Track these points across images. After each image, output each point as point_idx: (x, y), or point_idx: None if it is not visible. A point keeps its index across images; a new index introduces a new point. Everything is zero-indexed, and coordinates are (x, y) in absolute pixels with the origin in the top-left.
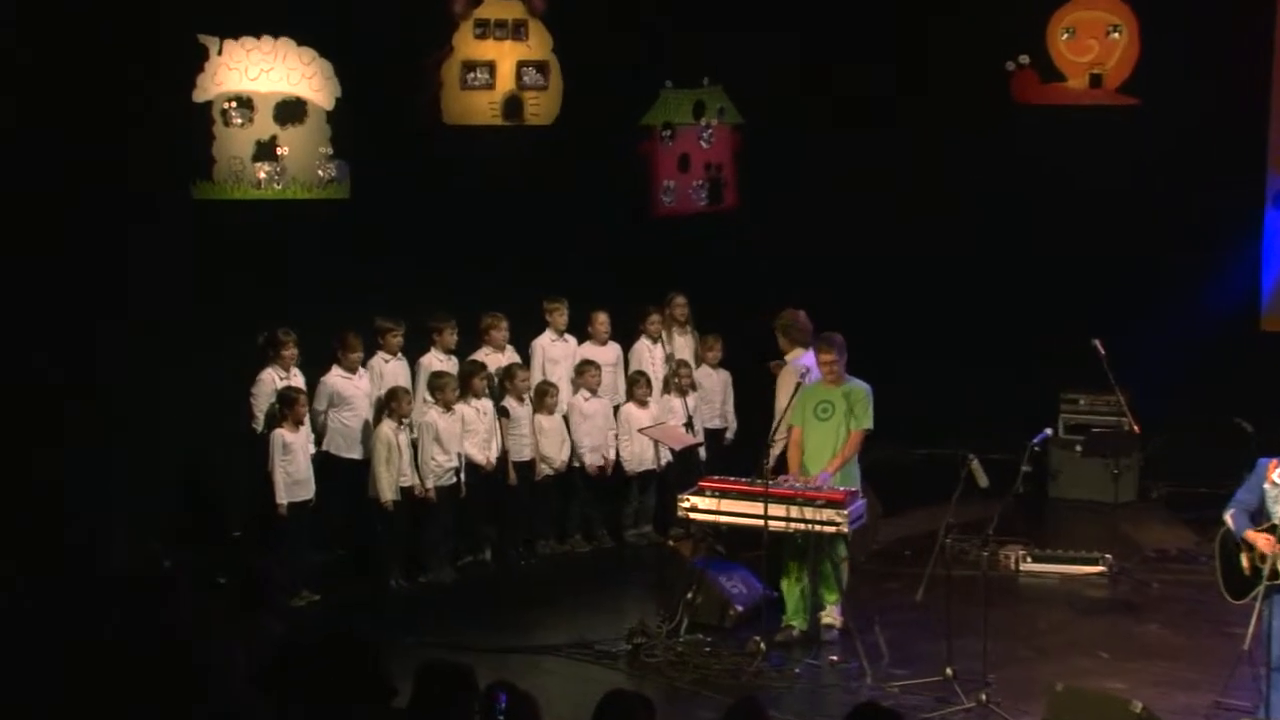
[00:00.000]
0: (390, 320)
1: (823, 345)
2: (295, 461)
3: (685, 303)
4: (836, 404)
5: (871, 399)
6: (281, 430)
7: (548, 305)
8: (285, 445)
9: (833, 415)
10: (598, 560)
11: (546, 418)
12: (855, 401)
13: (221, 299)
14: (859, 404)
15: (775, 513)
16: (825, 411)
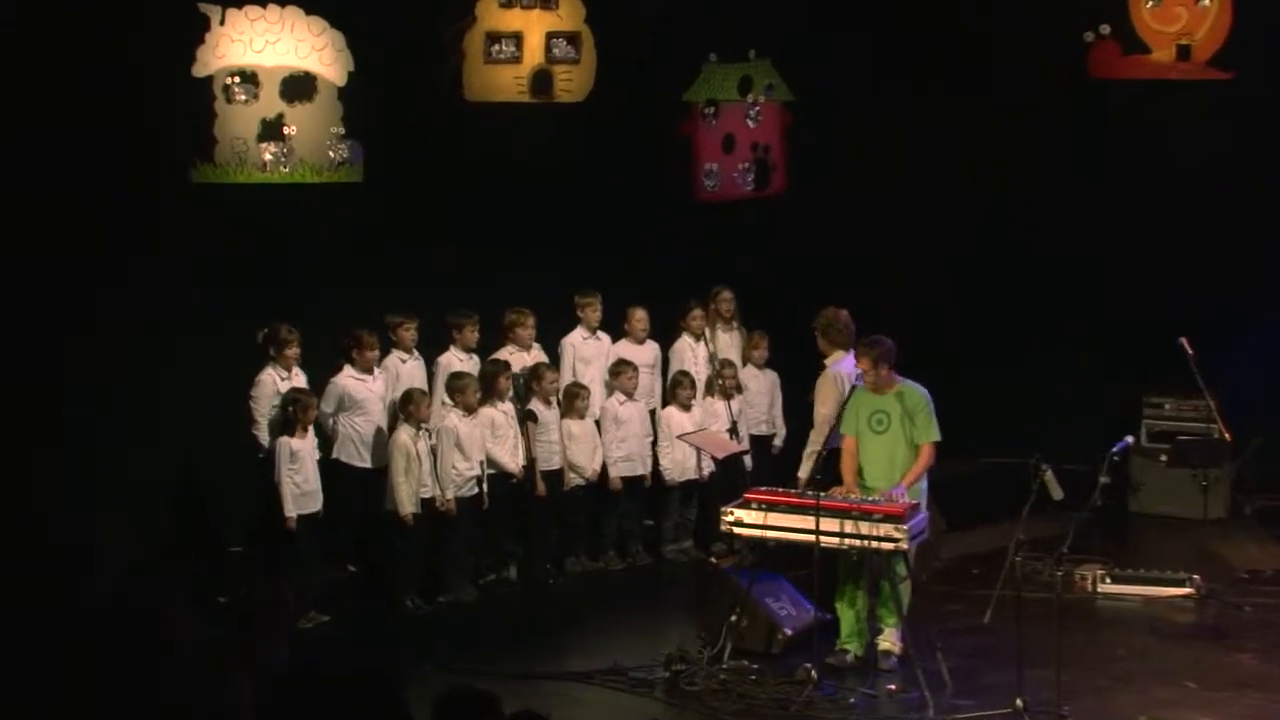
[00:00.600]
0: (400, 313)
1: (862, 351)
2: (303, 470)
3: (730, 297)
4: (891, 413)
5: (931, 404)
6: (288, 437)
7: (579, 300)
8: (293, 453)
9: (889, 426)
10: (633, 579)
11: (577, 423)
12: (915, 410)
13: (221, 292)
14: (919, 412)
15: (828, 527)
16: (880, 423)
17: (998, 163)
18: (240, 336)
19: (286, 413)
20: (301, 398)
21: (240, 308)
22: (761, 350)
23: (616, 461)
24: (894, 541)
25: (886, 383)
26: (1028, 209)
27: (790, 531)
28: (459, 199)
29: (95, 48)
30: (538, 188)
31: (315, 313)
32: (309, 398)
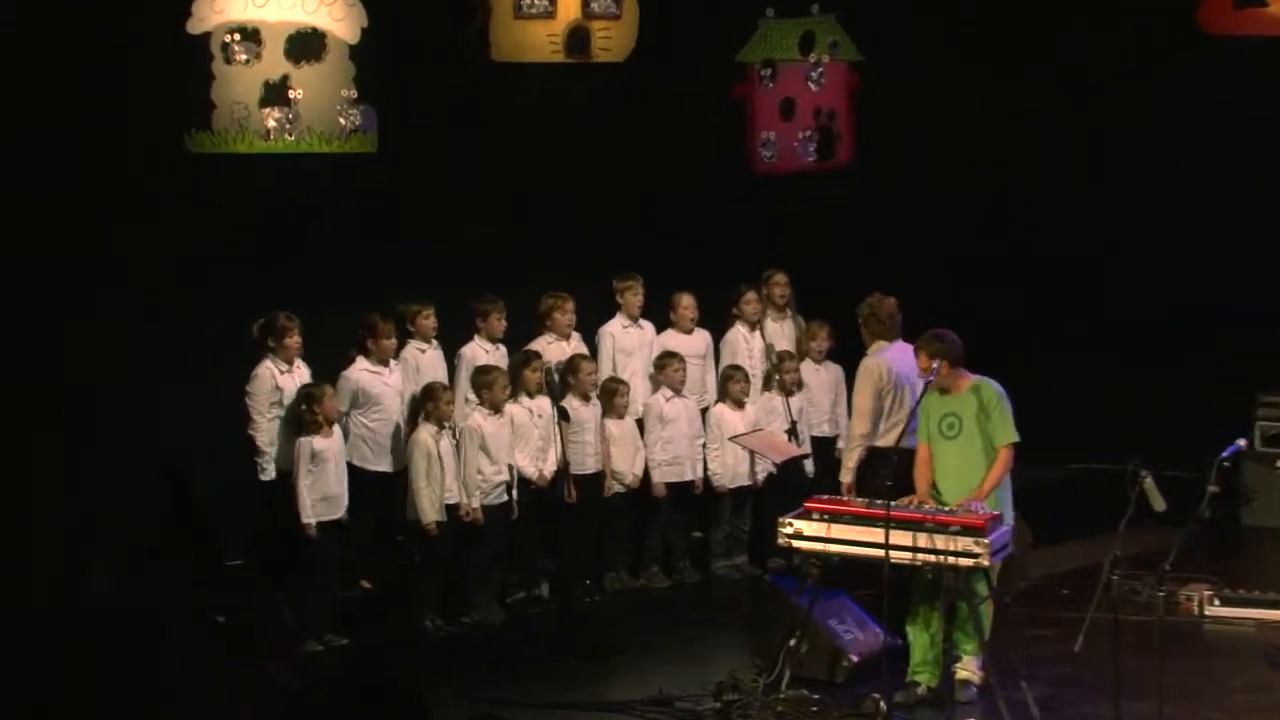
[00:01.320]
0: (416, 300)
1: (921, 346)
2: (325, 473)
3: (784, 281)
4: (963, 414)
5: (1007, 402)
6: (309, 437)
7: (619, 284)
8: (315, 453)
9: (961, 430)
10: (679, 597)
11: (617, 422)
12: (989, 408)
13: (221, 275)
14: (995, 411)
15: (900, 541)
16: (952, 427)
17: (1090, 135)
18: (241, 323)
19: (300, 412)
20: (316, 390)
21: (239, 293)
22: (821, 341)
23: (661, 465)
24: (974, 557)
25: (955, 381)
26: (1126, 188)
27: (857, 545)
28: (484, 171)
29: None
30: (572, 159)
31: (324, 298)
32: (324, 387)
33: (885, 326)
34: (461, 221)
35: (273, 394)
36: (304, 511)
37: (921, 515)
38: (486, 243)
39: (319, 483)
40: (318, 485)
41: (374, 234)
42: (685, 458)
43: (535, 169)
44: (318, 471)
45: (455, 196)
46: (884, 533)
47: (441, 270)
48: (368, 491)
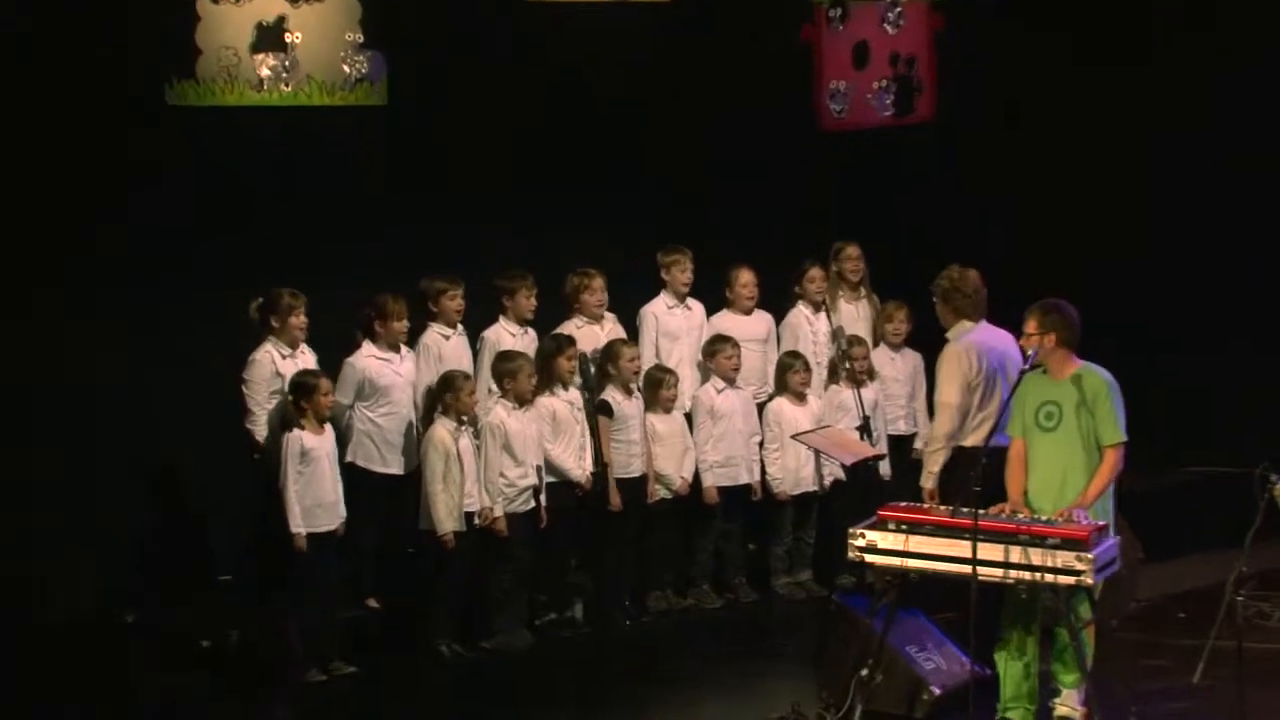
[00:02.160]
0: (444, 278)
1: (1034, 313)
2: (318, 475)
3: (857, 255)
4: (1065, 404)
5: (1118, 395)
6: (297, 431)
7: (664, 258)
8: (304, 452)
9: (1060, 421)
10: (734, 619)
11: (662, 417)
12: (1095, 399)
13: (207, 248)
14: (1101, 405)
15: (989, 555)
16: (1050, 418)
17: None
18: (232, 305)
19: (287, 403)
20: (310, 380)
21: (229, 268)
22: (898, 324)
23: (713, 467)
24: (1076, 574)
25: (1060, 364)
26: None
27: (939, 560)
28: (510, 126)
29: None
30: (613, 111)
31: (328, 275)
32: (320, 379)
33: (971, 302)
34: (485, 184)
35: (273, 381)
36: (292, 520)
37: (1015, 525)
38: (513, 208)
39: (310, 487)
40: (309, 490)
41: (385, 200)
42: (741, 459)
43: (569, 124)
44: (308, 474)
45: (477, 156)
46: (971, 546)
47: (462, 240)
48: (375, 497)
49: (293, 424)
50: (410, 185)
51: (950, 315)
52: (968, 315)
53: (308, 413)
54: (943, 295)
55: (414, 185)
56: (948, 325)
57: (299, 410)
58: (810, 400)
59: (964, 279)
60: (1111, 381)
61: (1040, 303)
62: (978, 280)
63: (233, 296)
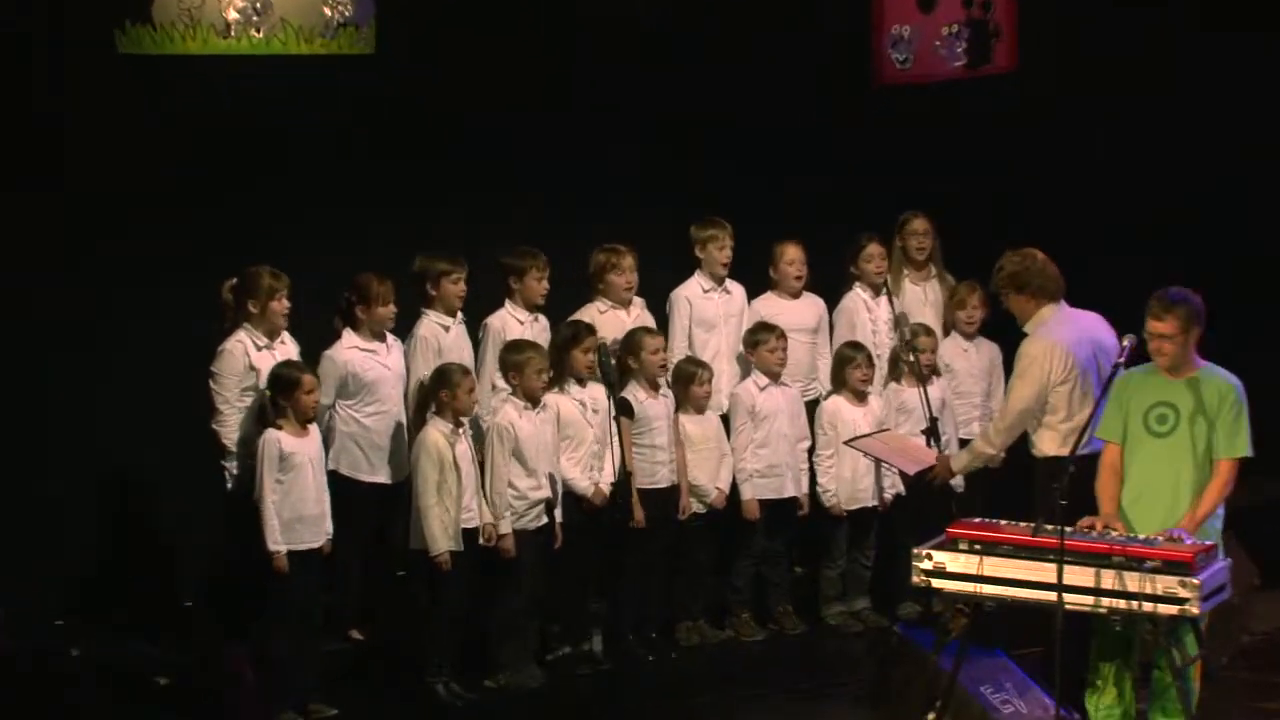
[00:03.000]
0: (445, 257)
1: (1160, 309)
2: (300, 483)
3: (926, 229)
4: (1181, 407)
5: (1244, 403)
6: (275, 431)
7: (699, 233)
8: (284, 456)
9: (1176, 427)
10: (778, 654)
11: (694, 419)
12: (1219, 407)
13: (164, 220)
14: (1227, 412)
15: (1077, 580)
16: (1164, 421)
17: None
18: (195, 286)
19: (264, 399)
20: (292, 374)
21: (192, 244)
22: (972, 310)
23: (753, 477)
24: (1179, 603)
25: (1183, 362)
26: None
27: (1018, 586)
28: (518, 80)
29: None
30: (639, 61)
31: (304, 252)
32: (304, 374)
33: (1047, 281)
34: (489, 147)
35: (246, 376)
36: (270, 535)
37: (1107, 545)
38: (522, 176)
39: (291, 498)
40: (290, 501)
41: (372, 166)
42: (786, 467)
43: (588, 76)
44: (288, 482)
45: (481, 116)
46: (1056, 569)
47: (463, 213)
48: (360, 510)
49: (271, 423)
50: (401, 149)
51: (1026, 303)
52: (1047, 296)
53: (288, 412)
54: (1010, 282)
55: (405, 149)
56: (1024, 316)
57: (278, 408)
58: (871, 399)
59: (1029, 257)
60: (1238, 386)
61: (1168, 295)
62: (1047, 261)
63: (197, 276)
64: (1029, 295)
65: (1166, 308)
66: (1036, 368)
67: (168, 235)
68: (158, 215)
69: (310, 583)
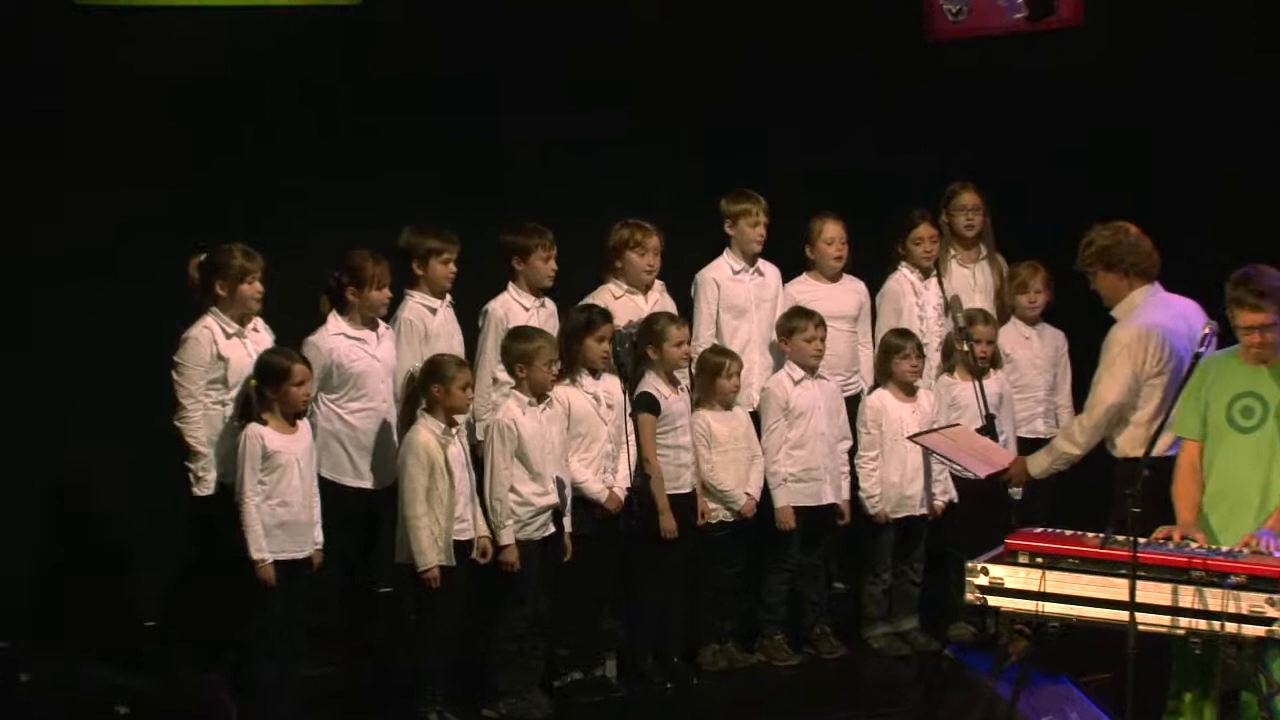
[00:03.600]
0: (436, 233)
1: (1242, 293)
2: (286, 486)
3: (977, 204)
4: (1270, 398)
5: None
6: (258, 426)
7: (730, 207)
8: (268, 454)
9: (1264, 420)
10: (816, 680)
11: (721, 415)
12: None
13: (125, 189)
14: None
15: (1151, 598)
16: (1249, 414)
17: None
18: (158, 264)
19: (250, 390)
20: (281, 362)
21: (154, 217)
22: (1034, 294)
23: (787, 482)
24: (1267, 623)
25: (1272, 347)
26: None
27: (1086, 604)
28: (522, 32)
29: None
30: (659, 15)
31: (282, 227)
32: (295, 364)
33: (1141, 260)
34: (492, 108)
35: (214, 367)
36: (254, 543)
37: (1185, 558)
38: (528, 141)
39: (274, 502)
40: (272, 505)
41: (357, 131)
42: (825, 470)
43: (602, 27)
44: (272, 483)
45: (479, 73)
46: (1128, 585)
47: (460, 186)
48: (344, 518)
49: (255, 416)
50: (389, 108)
51: (1118, 283)
52: (1141, 276)
53: (273, 404)
54: (1100, 258)
55: (394, 107)
56: (1114, 298)
57: (264, 400)
58: (920, 395)
59: (1121, 231)
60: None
61: (1259, 279)
62: (1139, 236)
63: (160, 254)
64: (1120, 274)
65: (1259, 293)
66: (1127, 357)
67: (127, 202)
68: (116, 182)
69: (294, 599)
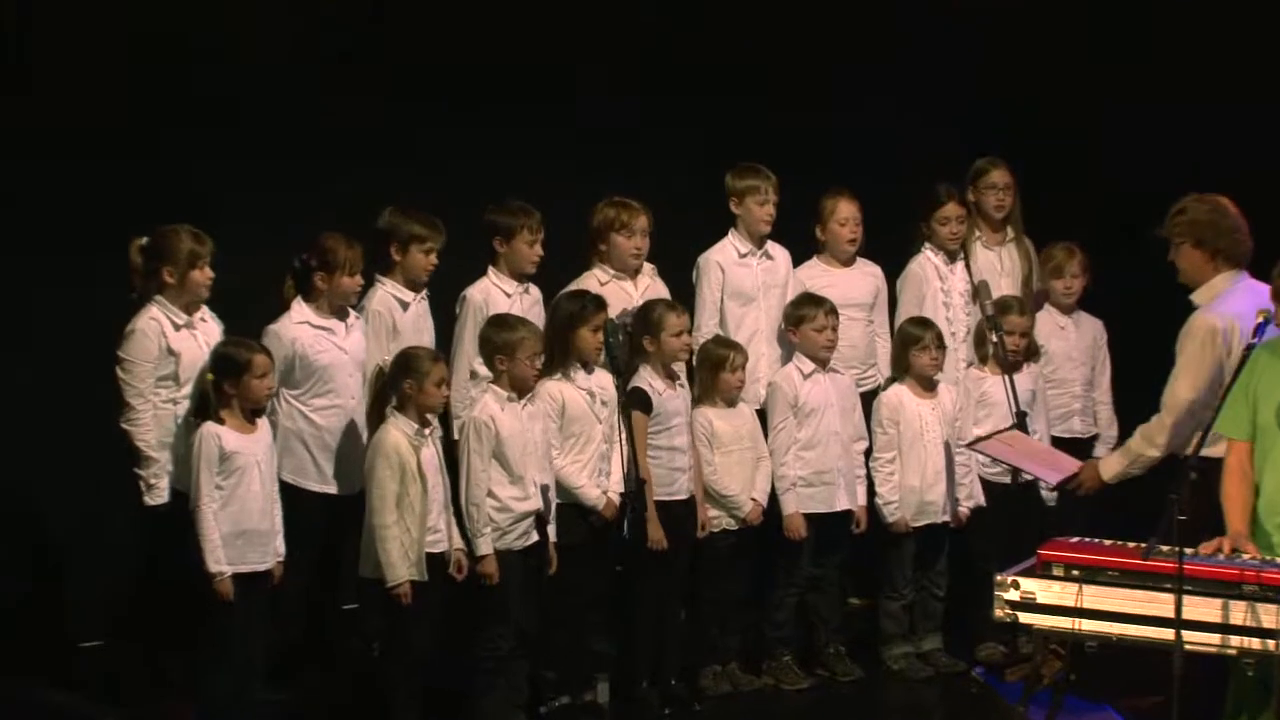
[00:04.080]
0: (421, 221)
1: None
2: (245, 491)
3: (1009, 182)
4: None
5: None
6: (216, 426)
7: (736, 183)
8: (225, 455)
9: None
10: (829, 706)
11: (725, 413)
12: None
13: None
14: None
15: (1199, 614)
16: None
17: None
18: (97, 247)
19: (205, 385)
20: (241, 354)
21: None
22: (1070, 279)
23: (796, 486)
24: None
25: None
26: None
27: (1127, 622)
28: None
29: None
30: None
31: (236, 206)
32: (256, 355)
33: (1232, 243)
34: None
35: (163, 362)
36: (210, 554)
37: (1237, 570)
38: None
39: (233, 508)
40: (230, 512)
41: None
42: (838, 473)
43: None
44: (230, 488)
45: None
46: (1174, 600)
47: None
48: (305, 527)
49: (210, 413)
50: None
51: (1204, 264)
52: (1230, 262)
53: (232, 400)
54: (1191, 231)
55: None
56: (1196, 279)
57: (222, 396)
58: (941, 390)
59: (1220, 209)
60: None
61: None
62: (1229, 207)
63: (100, 236)
64: (1209, 254)
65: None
66: (1208, 349)
67: (60, 187)
68: (44, 162)
69: (254, 615)
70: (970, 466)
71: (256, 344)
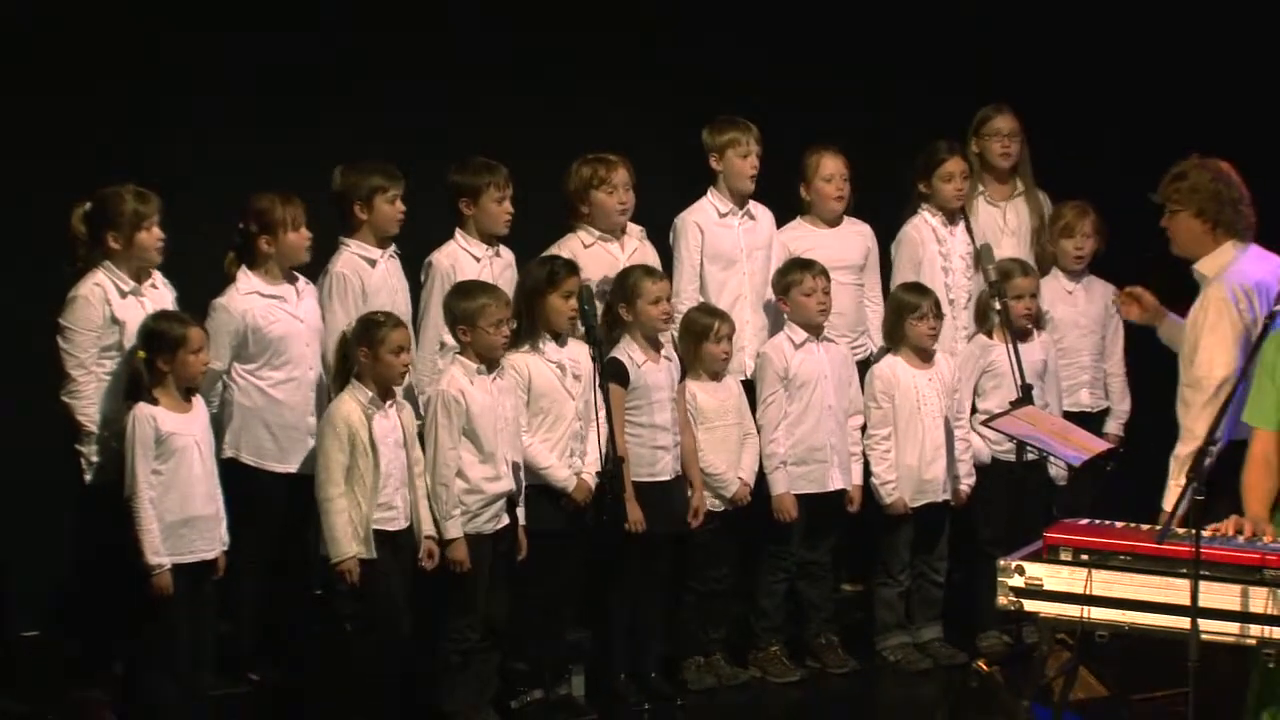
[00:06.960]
0: (377, 170)
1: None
2: (185, 475)
3: (1015, 129)
4: None
5: None
6: (150, 407)
7: (714, 138)
8: (160, 437)
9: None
10: (821, 700)
11: (709, 387)
12: None
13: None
14: None
15: (1216, 602)
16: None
17: None
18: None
19: (136, 362)
20: (172, 327)
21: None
22: (1081, 239)
23: (786, 464)
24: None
25: None
26: None
27: (1141, 610)
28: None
29: None
30: None
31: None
32: (189, 328)
33: (1236, 212)
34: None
35: (107, 331)
36: (149, 545)
37: (1259, 555)
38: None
39: (174, 495)
40: (174, 499)
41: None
42: (832, 451)
43: None
44: (169, 472)
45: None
46: (1190, 587)
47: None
48: (264, 511)
49: (143, 394)
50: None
51: (1203, 235)
52: (1234, 232)
53: (166, 378)
54: (1191, 198)
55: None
56: (1193, 250)
57: (155, 374)
58: (939, 360)
59: (1224, 178)
60: None
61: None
62: (1229, 173)
63: (38, 200)
64: (1209, 225)
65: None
66: (1228, 317)
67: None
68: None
69: (200, 607)
70: (969, 441)
71: (189, 317)
